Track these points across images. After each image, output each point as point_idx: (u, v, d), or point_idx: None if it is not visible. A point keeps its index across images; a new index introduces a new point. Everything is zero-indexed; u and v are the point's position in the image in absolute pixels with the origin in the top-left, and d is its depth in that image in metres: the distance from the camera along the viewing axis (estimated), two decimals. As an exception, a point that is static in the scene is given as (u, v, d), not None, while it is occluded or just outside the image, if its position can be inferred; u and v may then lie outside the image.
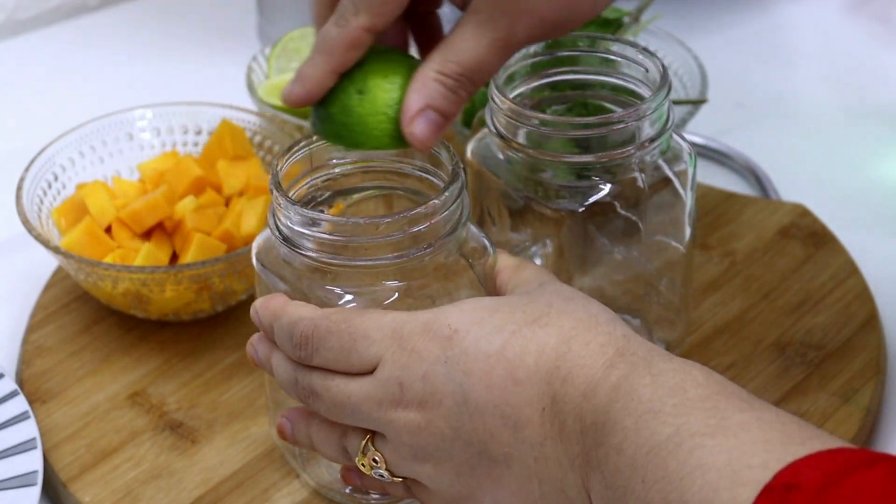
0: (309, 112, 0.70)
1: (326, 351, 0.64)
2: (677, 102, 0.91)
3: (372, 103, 0.67)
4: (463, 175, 0.68)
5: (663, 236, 0.77)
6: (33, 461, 0.75)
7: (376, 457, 0.65)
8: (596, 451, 0.58)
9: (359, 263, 0.66)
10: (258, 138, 0.91)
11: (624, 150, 0.72)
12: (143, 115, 0.92)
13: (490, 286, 0.69)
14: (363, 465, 0.66)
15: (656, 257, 0.78)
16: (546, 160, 0.72)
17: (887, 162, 1.02)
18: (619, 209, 0.74)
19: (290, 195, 0.69)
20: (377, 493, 0.73)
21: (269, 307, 0.68)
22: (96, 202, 0.86)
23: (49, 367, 0.84)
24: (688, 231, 0.77)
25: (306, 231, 0.66)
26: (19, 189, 0.86)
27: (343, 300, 0.67)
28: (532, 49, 0.74)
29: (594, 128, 0.71)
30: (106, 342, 0.85)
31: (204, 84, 1.08)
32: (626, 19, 0.94)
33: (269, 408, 0.76)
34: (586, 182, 0.73)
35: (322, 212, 0.71)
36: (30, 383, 0.83)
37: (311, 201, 0.71)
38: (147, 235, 0.85)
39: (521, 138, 0.73)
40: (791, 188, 0.98)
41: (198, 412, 0.80)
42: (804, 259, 0.89)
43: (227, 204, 0.87)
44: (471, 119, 0.87)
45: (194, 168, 0.87)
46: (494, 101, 0.73)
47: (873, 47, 1.15)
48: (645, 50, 0.74)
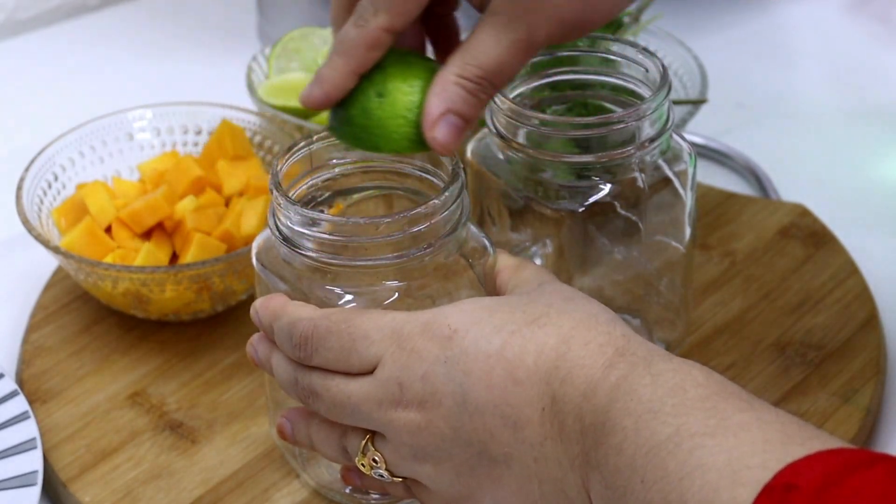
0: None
1: (326, 351, 0.64)
2: (677, 102, 0.91)
3: (392, 106, 0.66)
4: (463, 175, 0.68)
5: (663, 236, 0.77)
6: (33, 461, 0.75)
7: (376, 457, 0.65)
8: (595, 452, 0.58)
9: (359, 263, 0.66)
10: (258, 138, 0.91)
11: (624, 150, 0.72)
12: (143, 115, 0.92)
13: (490, 286, 0.69)
14: (363, 465, 0.66)
15: (656, 257, 0.78)
16: (546, 160, 0.72)
17: (887, 162, 1.02)
18: (619, 209, 0.74)
19: (290, 195, 0.69)
20: (377, 493, 0.73)
21: (269, 307, 0.68)
22: (96, 202, 0.86)
23: (49, 367, 0.84)
24: (688, 231, 0.77)
25: (306, 231, 0.66)
26: (19, 189, 0.86)
27: (343, 300, 0.67)
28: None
29: (594, 128, 0.71)
30: (106, 342, 0.85)
31: (204, 84, 1.08)
32: (626, 19, 0.94)
33: (269, 408, 0.76)
34: (586, 182, 0.73)
35: (322, 212, 0.71)
36: (30, 383, 0.83)
37: (311, 201, 0.71)
38: (147, 235, 0.85)
39: (521, 138, 0.73)
40: (791, 188, 0.98)
41: (198, 412, 0.80)
42: (804, 259, 0.89)
43: (227, 204, 0.87)
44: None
45: (194, 168, 0.87)
46: (494, 101, 0.73)
47: (873, 47, 1.15)
48: (645, 50, 0.74)
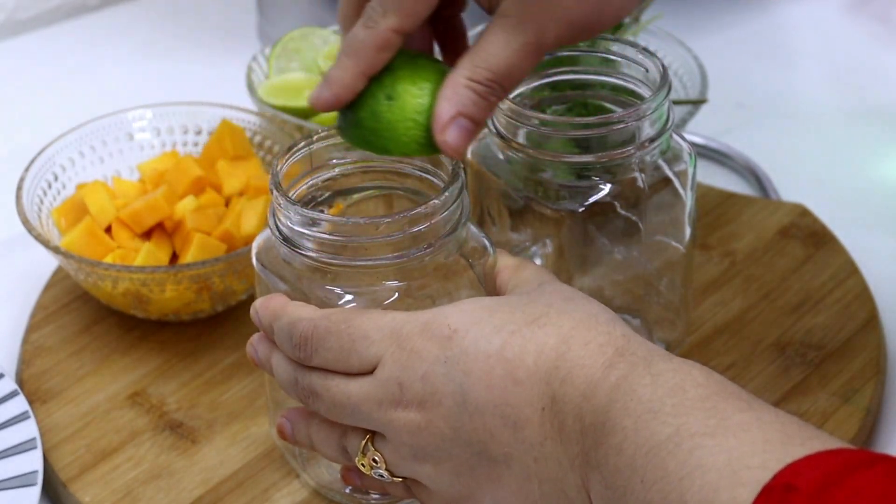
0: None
1: (326, 351, 0.64)
2: (677, 102, 0.91)
3: (401, 109, 0.65)
4: (463, 175, 0.68)
5: (663, 236, 0.77)
6: (33, 461, 0.75)
7: (376, 457, 0.65)
8: (595, 451, 0.58)
9: (359, 263, 0.66)
10: (258, 138, 0.91)
11: (624, 150, 0.72)
12: (143, 115, 0.92)
13: (490, 286, 0.69)
14: (363, 465, 0.66)
15: (656, 257, 0.78)
16: (546, 160, 0.72)
17: (887, 162, 1.02)
18: (619, 209, 0.74)
19: (290, 195, 0.69)
20: (377, 493, 0.73)
21: (269, 307, 0.68)
22: (96, 202, 0.86)
23: (49, 367, 0.84)
24: (688, 231, 0.77)
25: (306, 231, 0.66)
26: (19, 189, 0.86)
27: (343, 300, 0.67)
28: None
29: (594, 128, 0.71)
30: (106, 342, 0.85)
31: (204, 84, 1.08)
32: (627, 19, 0.93)
33: (269, 408, 0.76)
34: (586, 182, 0.73)
35: (322, 212, 0.71)
36: (30, 383, 0.83)
37: (311, 201, 0.71)
38: (147, 235, 0.85)
39: (521, 138, 0.73)
40: (791, 188, 0.98)
41: (198, 412, 0.80)
42: (804, 259, 0.89)
43: (227, 204, 0.87)
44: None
45: (194, 168, 0.87)
46: (495, 102, 0.73)
47: (873, 47, 1.15)
48: (645, 50, 0.74)
